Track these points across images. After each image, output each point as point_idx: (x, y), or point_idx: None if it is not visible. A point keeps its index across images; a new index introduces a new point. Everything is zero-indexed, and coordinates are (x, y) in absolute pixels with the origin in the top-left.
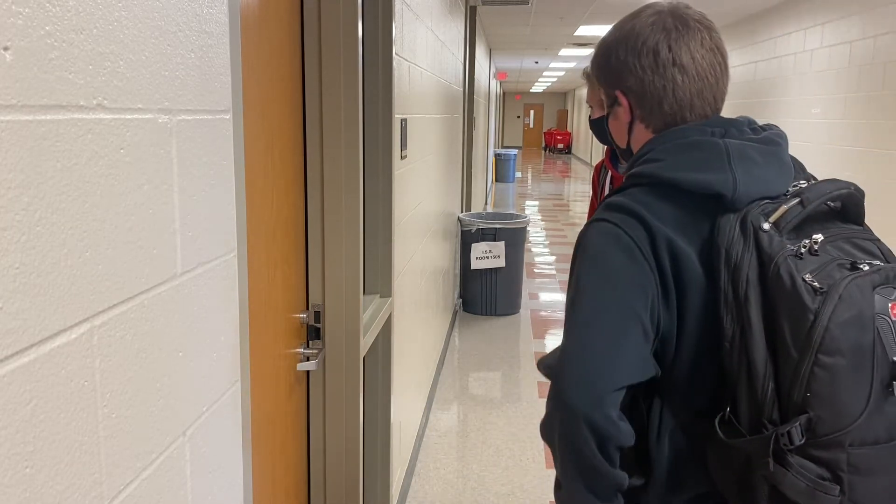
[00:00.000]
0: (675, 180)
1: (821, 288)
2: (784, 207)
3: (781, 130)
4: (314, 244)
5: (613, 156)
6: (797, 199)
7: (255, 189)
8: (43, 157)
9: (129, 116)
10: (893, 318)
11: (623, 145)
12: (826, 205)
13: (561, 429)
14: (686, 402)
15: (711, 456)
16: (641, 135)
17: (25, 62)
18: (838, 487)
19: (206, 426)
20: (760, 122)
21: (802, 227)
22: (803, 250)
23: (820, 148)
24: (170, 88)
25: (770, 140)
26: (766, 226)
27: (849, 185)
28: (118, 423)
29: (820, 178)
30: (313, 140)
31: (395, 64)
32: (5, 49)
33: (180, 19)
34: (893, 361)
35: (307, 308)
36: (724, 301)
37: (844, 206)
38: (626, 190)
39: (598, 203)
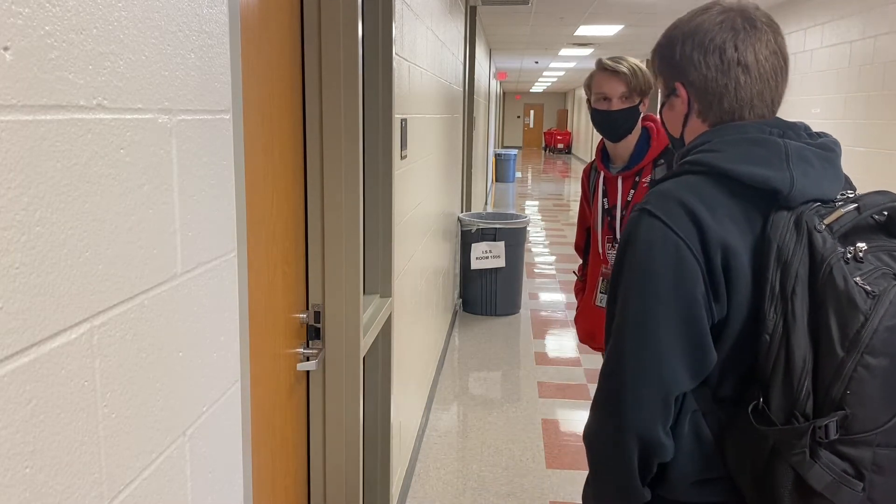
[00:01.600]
0: (734, 172)
1: (872, 291)
2: (841, 211)
3: (836, 139)
4: (314, 244)
5: (605, 157)
6: (854, 205)
7: (255, 189)
8: (43, 157)
9: (129, 116)
10: None
11: (676, 135)
12: (872, 217)
13: (609, 442)
14: (712, 388)
15: (731, 442)
16: (696, 127)
17: (25, 62)
18: (861, 484)
19: (206, 426)
20: None
21: (847, 235)
22: (848, 256)
23: None
24: (170, 88)
25: (826, 146)
26: (821, 227)
27: None
28: (118, 423)
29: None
30: (313, 140)
31: (395, 64)
32: (5, 49)
33: (180, 19)
34: None
35: (307, 308)
36: (771, 294)
37: (890, 219)
38: (679, 176)
39: (587, 204)
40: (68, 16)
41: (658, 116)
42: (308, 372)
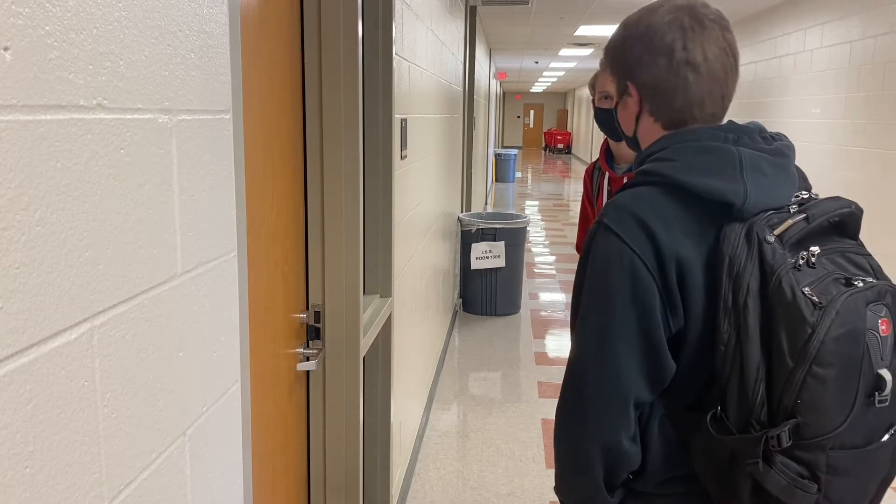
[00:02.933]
0: (687, 184)
1: (819, 303)
2: (790, 222)
3: (790, 142)
4: (314, 244)
5: (609, 157)
6: (803, 216)
7: (255, 189)
8: (43, 157)
9: (129, 116)
10: (882, 334)
11: (630, 134)
12: (827, 219)
13: (572, 450)
14: (677, 395)
15: (696, 448)
16: (649, 127)
17: (25, 62)
18: (816, 486)
19: (206, 426)
20: (759, 120)
21: (803, 240)
22: (801, 262)
23: (820, 148)
24: (170, 88)
25: (780, 152)
26: (770, 238)
27: (850, 203)
28: (118, 423)
29: (821, 181)
30: (313, 140)
31: (395, 64)
32: (5, 49)
33: (180, 19)
34: (878, 374)
35: (307, 308)
36: (724, 307)
37: (842, 222)
38: (636, 187)
39: (589, 205)
40: (68, 16)
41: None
42: (308, 372)
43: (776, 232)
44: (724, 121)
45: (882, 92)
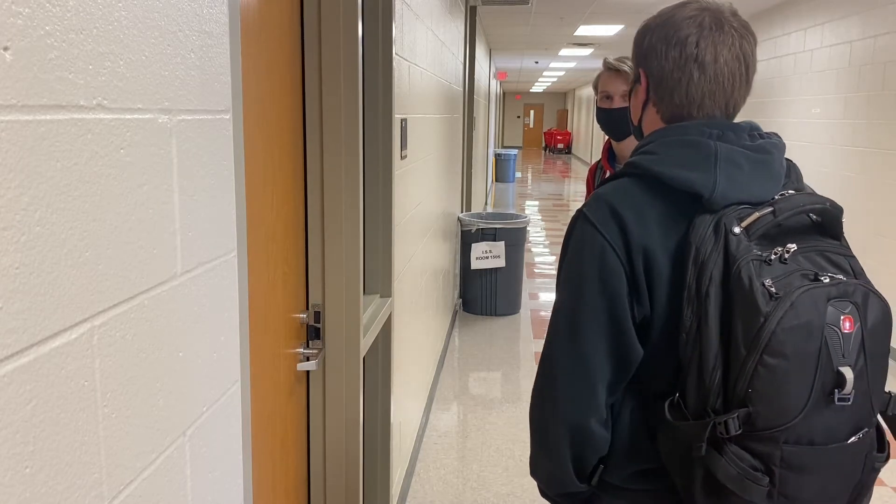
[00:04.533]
0: (661, 175)
1: (776, 293)
2: (756, 215)
3: (780, 141)
4: (314, 244)
5: (611, 156)
6: (770, 209)
7: (255, 189)
8: (43, 157)
9: (129, 116)
10: (844, 331)
11: (636, 123)
12: (809, 217)
13: (543, 427)
14: (647, 383)
15: (661, 435)
16: (651, 118)
17: (25, 62)
18: (768, 479)
19: (206, 426)
20: (760, 122)
21: (779, 237)
22: (773, 257)
23: (820, 148)
24: (170, 88)
25: (762, 148)
26: (736, 229)
27: (825, 200)
28: (118, 423)
29: (821, 181)
30: (313, 140)
31: (395, 64)
32: (5, 49)
33: (180, 19)
34: (838, 371)
35: (307, 308)
36: (688, 294)
37: (823, 222)
38: (618, 179)
39: None
40: (68, 16)
41: None
42: (308, 372)
43: (743, 224)
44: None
45: (882, 92)
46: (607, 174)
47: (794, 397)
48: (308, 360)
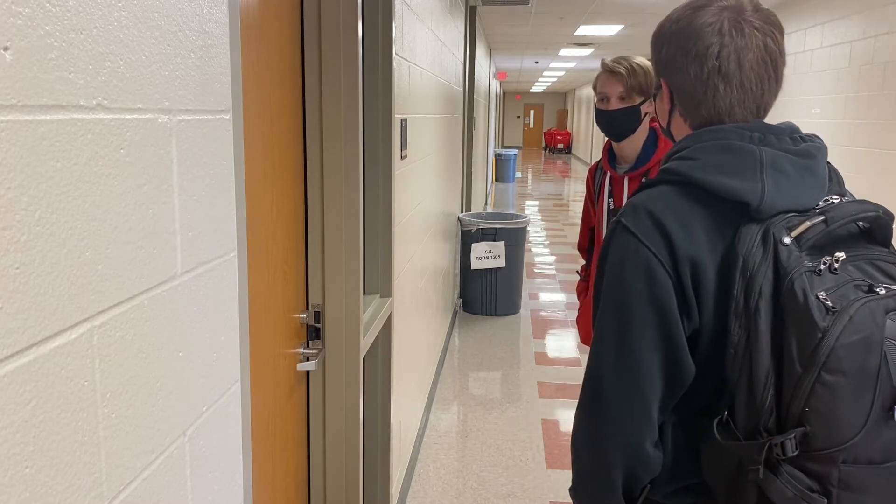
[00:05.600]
0: (705, 183)
1: (833, 307)
2: (808, 224)
3: (822, 143)
4: (314, 244)
5: (611, 157)
6: (822, 217)
7: (255, 189)
8: (43, 157)
9: (129, 116)
10: None
11: (665, 126)
12: (856, 225)
13: (593, 450)
14: (688, 400)
15: (706, 456)
16: (679, 125)
17: (25, 62)
18: (826, 500)
19: (206, 426)
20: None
21: (826, 245)
22: (823, 267)
23: None
24: (170, 88)
25: (807, 153)
26: (786, 240)
27: (878, 207)
28: (118, 423)
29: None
30: (313, 140)
31: (395, 64)
32: (5, 49)
33: (180, 19)
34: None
35: (307, 308)
36: (735, 308)
37: (872, 229)
38: (655, 186)
39: (591, 205)
40: (68, 16)
41: None
42: (308, 372)
43: (793, 234)
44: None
45: (882, 92)
46: (608, 175)
47: (853, 415)
48: (308, 360)
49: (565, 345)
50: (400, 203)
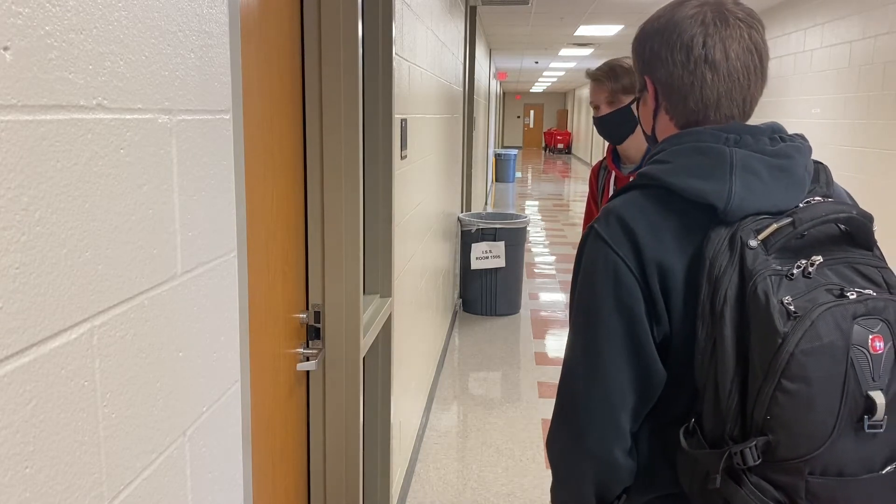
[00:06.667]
0: (674, 186)
1: (795, 312)
2: (774, 226)
3: (805, 143)
4: (314, 244)
5: (615, 156)
6: (789, 220)
7: (255, 189)
8: (43, 157)
9: (129, 116)
10: (873, 352)
11: (648, 132)
12: (837, 227)
13: (566, 455)
14: (662, 408)
15: (679, 463)
16: (665, 125)
17: (25, 62)
18: None
19: (206, 426)
20: (760, 122)
21: (803, 249)
22: (796, 271)
23: (820, 148)
24: (170, 88)
25: (783, 153)
26: (752, 242)
27: (851, 208)
28: (118, 423)
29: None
30: (313, 140)
31: (395, 64)
32: (5, 49)
33: (180, 19)
34: (867, 395)
35: (307, 308)
36: (702, 313)
37: (852, 231)
38: (629, 191)
39: (595, 204)
40: (68, 16)
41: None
42: (308, 372)
43: (760, 237)
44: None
45: (882, 92)
46: (612, 175)
47: (818, 425)
48: (308, 360)
49: (565, 345)
50: (400, 203)
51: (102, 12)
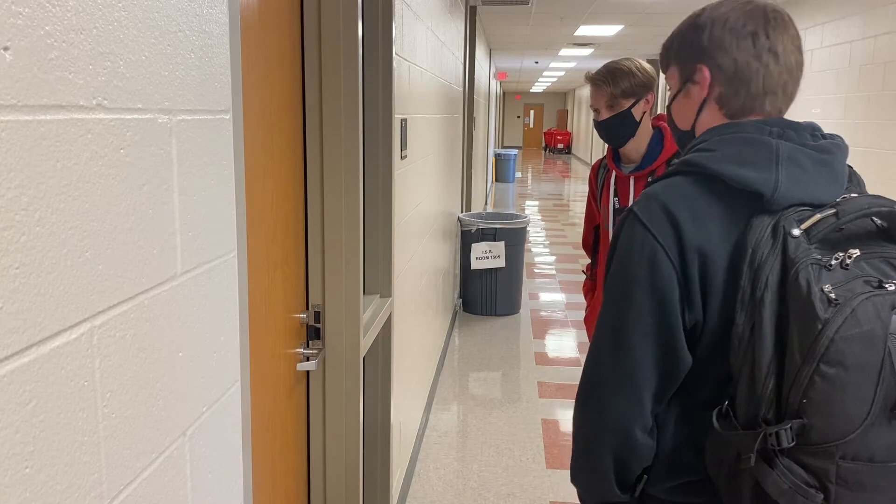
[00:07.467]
0: (720, 173)
1: (836, 300)
2: (818, 216)
3: (842, 142)
4: (314, 244)
5: (615, 156)
6: (832, 211)
7: (255, 189)
8: (43, 157)
9: (129, 116)
10: None
11: (687, 127)
12: (873, 222)
13: (587, 434)
14: (692, 392)
15: (708, 447)
16: (711, 116)
17: (25, 62)
18: (822, 496)
19: (206, 426)
20: None
21: (841, 242)
22: (834, 262)
23: None
24: (170, 88)
25: (825, 148)
26: (796, 231)
27: (892, 202)
28: (118, 423)
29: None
30: (313, 140)
31: (395, 64)
32: (5, 49)
33: (180, 19)
34: None
35: (307, 308)
36: (742, 298)
37: (890, 227)
38: (671, 177)
39: (595, 203)
40: (68, 16)
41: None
42: (308, 372)
43: (803, 226)
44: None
45: (882, 92)
46: (612, 174)
47: (853, 410)
48: (308, 360)
49: (565, 345)
50: (400, 203)
51: (102, 12)
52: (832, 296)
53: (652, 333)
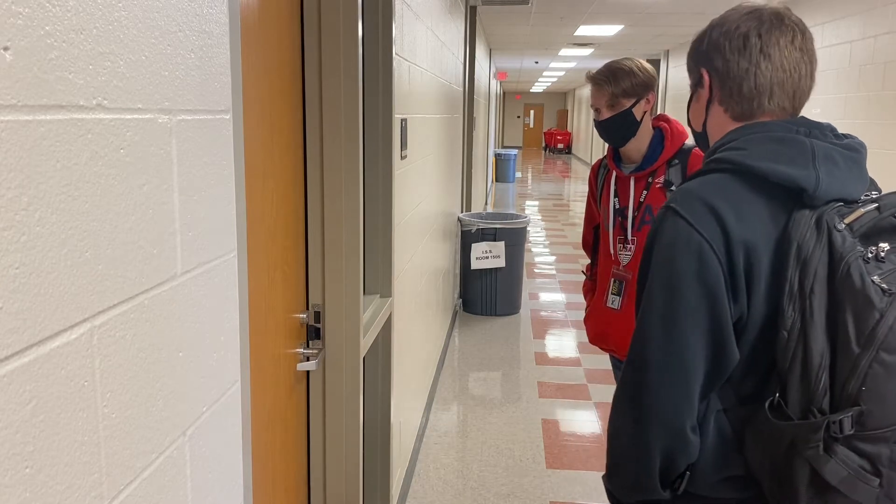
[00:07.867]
0: (760, 169)
1: (889, 289)
2: (861, 211)
3: (861, 141)
4: (314, 244)
5: (616, 156)
6: (875, 205)
7: (255, 189)
8: (43, 157)
9: (129, 116)
10: None
11: (699, 128)
12: (894, 217)
13: (630, 434)
14: (734, 387)
15: (751, 439)
16: (718, 118)
17: (25, 62)
18: (878, 480)
19: (206, 426)
20: None
21: (870, 235)
22: (870, 255)
23: None
24: (170, 88)
25: (852, 146)
26: (840, 225)
27: None
28: (118, 423)
29: None
30: (313, 140)
31: (395, 64)
32: (5, 49)
33: (180, 19)
34: None
35: (307, 308)
36: (790, 291)
37: None
38: (705, 175)
39: (594, 203)
40: (68, 16)
41: (670, 116)
42: (308, 372)
43: (847, 220)
44: None
45: (882, 92)
46: (612, 174)
47: None
48: (308, 360)
49: (565, 345)
50: (400, 203)
51: (102, 12)
52: (884, 286)
53: (703, 328)
